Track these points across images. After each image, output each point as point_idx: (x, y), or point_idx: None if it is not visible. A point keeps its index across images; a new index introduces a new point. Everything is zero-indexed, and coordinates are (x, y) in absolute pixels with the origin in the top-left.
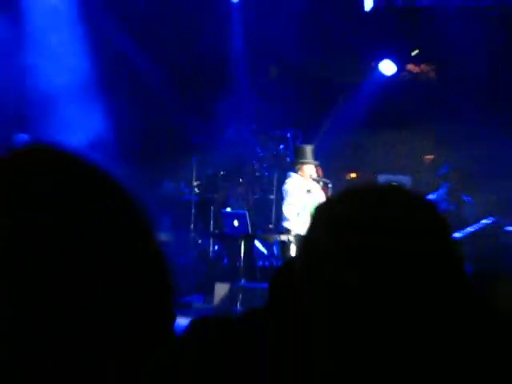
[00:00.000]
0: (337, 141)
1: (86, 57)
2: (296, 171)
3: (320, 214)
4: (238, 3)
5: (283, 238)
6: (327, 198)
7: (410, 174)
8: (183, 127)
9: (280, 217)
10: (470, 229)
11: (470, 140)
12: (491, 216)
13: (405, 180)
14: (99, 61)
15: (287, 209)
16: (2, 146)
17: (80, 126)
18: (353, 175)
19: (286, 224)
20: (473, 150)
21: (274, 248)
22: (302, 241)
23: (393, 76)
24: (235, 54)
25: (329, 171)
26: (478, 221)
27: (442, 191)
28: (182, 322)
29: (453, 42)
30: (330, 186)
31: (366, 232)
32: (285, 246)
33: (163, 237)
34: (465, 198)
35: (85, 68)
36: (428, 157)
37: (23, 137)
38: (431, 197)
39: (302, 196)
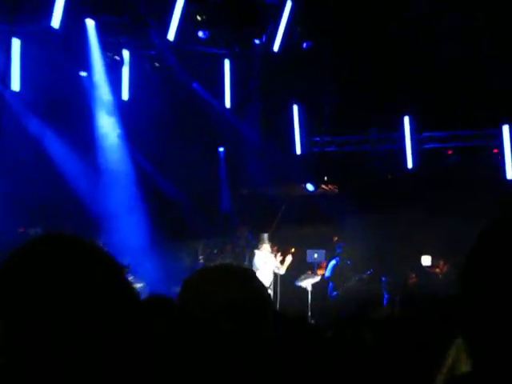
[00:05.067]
0: (283, 230)
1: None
2: (259, 249)
3: None
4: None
5: None
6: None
7: (325, 248)
8: (193, 224)
9: None
10: (354, 278)
11: (356, 229)
12: (368, 270)
13: (322, 252)
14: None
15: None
16: None
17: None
18: (292, 250)
19: None
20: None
21: None
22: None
23: (315, 192)
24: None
25: (279, 247)
26: (358, 273)
27: (338, 259)
28: None
29: (347, 171)
30: (279, 254)
31: None
32: None
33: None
34: (349, 262)
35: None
36: (335, 238)
37: None
38: (333, 261)
39: (262, 265)
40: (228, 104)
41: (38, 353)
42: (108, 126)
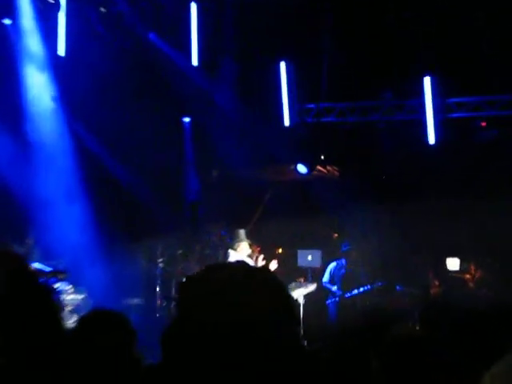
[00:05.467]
0: (267, 225)
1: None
2: (235, 249)
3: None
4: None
5: None
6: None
7: (321, 248)
8: (150, 214)
9: None
10: (362, 288)
11: (363, 223)
12: (380, 280)
13: (318, 253)
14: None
15: None
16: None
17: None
18: (279, 251)
19: None
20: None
21: None
22: None
23: (307, 175)
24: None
25: (262, 247)
26: (368, 281)
27: (343, 261)
28: None
29: (351, 149)
30: (262, 257)
31: None
32: None
33: (138, 301)
34: (360, 268)
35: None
36: (334, 234)
37: None
38: (334, 264)
39: None
40: (195, 61)
41: None
42: (39, 87)
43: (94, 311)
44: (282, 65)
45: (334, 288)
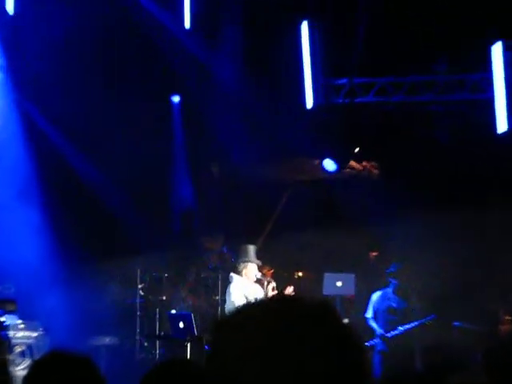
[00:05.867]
0: (282, 240)
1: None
2: (240, 272)
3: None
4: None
5: None
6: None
7: (355, 271)
8: (127, 227)
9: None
10: (408, 325)
11: (411, 236)
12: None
13: (350, 278)
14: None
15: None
16: None
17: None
18: (300, 274)
19: None
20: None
21: None
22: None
23: (337, 173)
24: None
25: (276, 270)
26: (417, 315)
27: (390, 290)
28: None
29: (395, 139)
30: (274, 285)
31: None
32: None
33: (109, 341)
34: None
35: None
36: (373, 253)
37: None
38: (378, 294)
39: (242, 301)
40: (187, 23)
41: None
42: None
43: (52, 353)
44: (304, 26)
45: (378, 329)
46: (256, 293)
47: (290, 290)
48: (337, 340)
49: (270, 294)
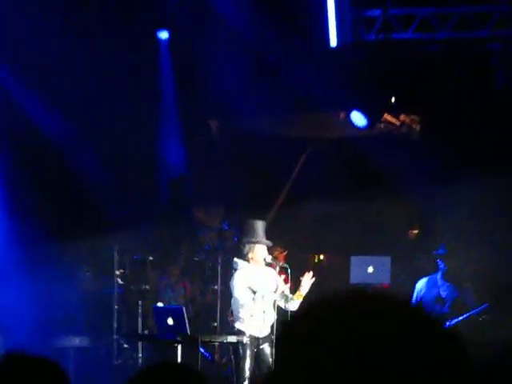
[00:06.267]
0: (299, 214)
1: None
2: (245, 256)
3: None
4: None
5: (232, 339)
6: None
7: (390, 253)
8: (101, 197)
9: (225, 313)
10: (462, 316)
11: (464, 208)
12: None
13: (384, 262)
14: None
15: (239, 309)
16: None
17: None
18: (320, 257)
19: (238, 325)
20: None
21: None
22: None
23: (367, 130)
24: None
25: (290, 252)
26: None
27: (438, 276)
28: None
29: (441, 86)
30: (289, 271)
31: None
32: (237, 349)
33: (79, 342)
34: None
35: None
36: (413, 231)
37: None
38: (424, 282)
39: (248, 293)
40: None
41: None
42: None
43: (9, 357)
44: None
45: None
46: (267, 282)
47: (307, 279)
48: (442, 351)
49: (282, 283)
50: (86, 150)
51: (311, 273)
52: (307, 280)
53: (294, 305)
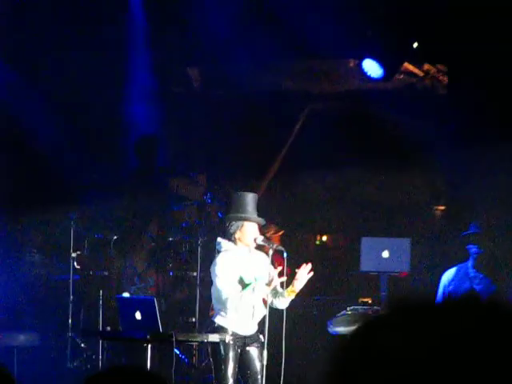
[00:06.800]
0: (295, 185)
1: None
2: (231, 236)
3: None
4: None
5: (213, 337)
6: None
7: (410, 235)
8: (54, 162)
9: (205, 306)
10: None
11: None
12: None
13: (403, 244)
14: None
15: (221, 301)
16: None
17: None
18: (324, 238)
19: (219, 320)
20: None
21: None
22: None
23: (383, 82)
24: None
25: (287, 232)
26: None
27: (467, 264)
28: None
29: (474, 29)
30: (285, 255)
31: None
32: (217, 349)
33: (25, 340)
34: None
35: None
36: (439, 207)
37: None
38: (452, 272)
39: (233, 283)
40: None
41: None
42: None
43: None
44: None
45: None
46: (259, 270)
47: (303, 271)
48: None
49: (274, 271)
50: (37, 103)
51: (309, 265)
52: (304, 273)
53: (283, 302)
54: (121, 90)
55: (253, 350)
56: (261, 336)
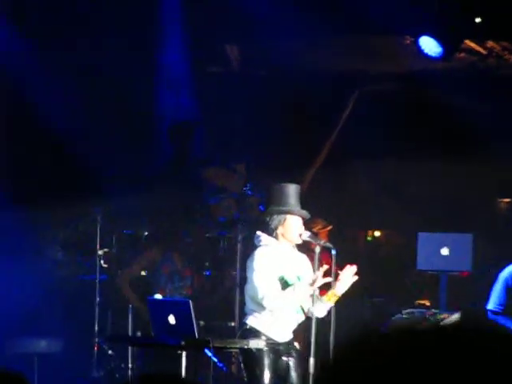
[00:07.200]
0: (344, 177)
1: None
2: (272, 231)
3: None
4: None
5: (254, 344)
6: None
7: (473, 230)
8: (80, 153)
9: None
10: None
11: None
12: None
13: (464, 240)
14: None
15: (256, 299)
16: None
17: None
18: (376, 234)
19: (251, 321)
20: None
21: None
22: None
23: (443, 61)
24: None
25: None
26: None
27: None
28: None
29: None
30: (333, 252)
31: None
32: (252, 356)
33: (47, 346)
34: None
35: None
36: (504, 200)
37: None
38: (509, 269)
39: (272, 283)
40: None
41: None
42: None
43: None
44: None
45: None
46: (301, 268)
47: (349, 274)
48: None
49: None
50: (61, 90)
51: (354, 266)
52: (348, 275)
53: (321, 309)
54: (153, 72)
55: (289, 359)
56: (296, 343)
